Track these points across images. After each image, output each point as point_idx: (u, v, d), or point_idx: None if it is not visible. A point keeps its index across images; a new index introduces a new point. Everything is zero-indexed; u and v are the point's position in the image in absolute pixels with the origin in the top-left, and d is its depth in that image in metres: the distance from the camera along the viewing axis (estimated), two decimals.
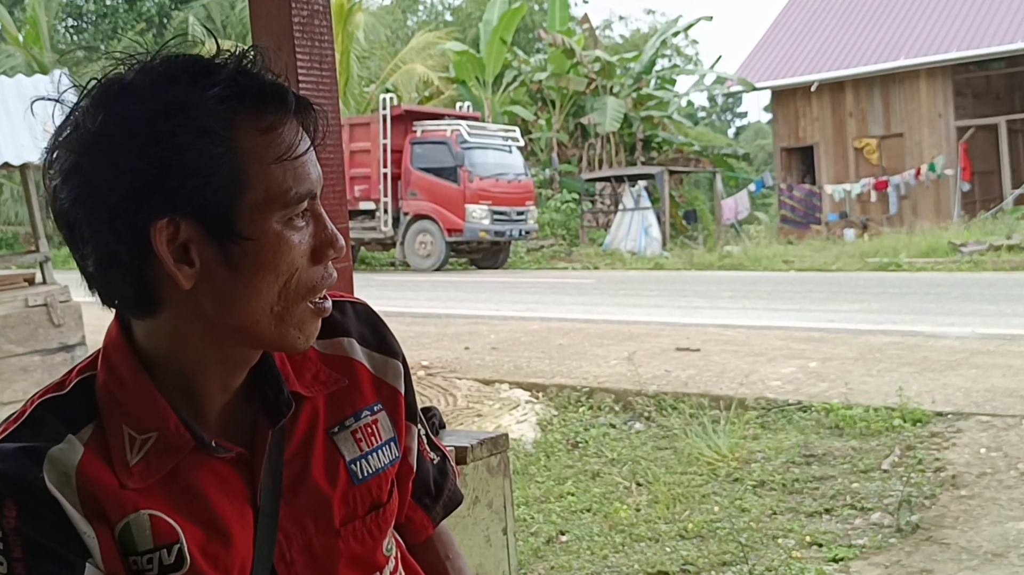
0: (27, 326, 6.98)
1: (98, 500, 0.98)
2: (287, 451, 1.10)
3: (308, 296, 1.02)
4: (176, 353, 1.02)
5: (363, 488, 1.14)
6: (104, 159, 0.94)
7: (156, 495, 1.01)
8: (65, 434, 1.00)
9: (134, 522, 1.00)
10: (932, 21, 23.43)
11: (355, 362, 1.18)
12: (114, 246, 0.96)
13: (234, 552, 1.04)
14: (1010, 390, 5.86)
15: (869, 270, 15.34)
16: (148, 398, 1.02)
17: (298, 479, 1.10)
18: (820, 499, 4.61)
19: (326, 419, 1.14)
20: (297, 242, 1.00)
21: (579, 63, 24.94)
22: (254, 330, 1.01)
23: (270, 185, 0.98)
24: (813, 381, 6.51)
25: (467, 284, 16.05)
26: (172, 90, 0.95)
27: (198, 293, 0.98)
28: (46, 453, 0.98)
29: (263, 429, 1.08)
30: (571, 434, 6.03)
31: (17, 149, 7.32)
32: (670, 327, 9.28)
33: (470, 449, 2.07)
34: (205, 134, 0.94)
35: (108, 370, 1.04)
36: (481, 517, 2.11)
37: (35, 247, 7.84)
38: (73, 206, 0.96)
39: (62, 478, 0.97)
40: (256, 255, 0.98)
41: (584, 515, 4.68)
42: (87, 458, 0.99)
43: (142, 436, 1.01)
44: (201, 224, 0.96)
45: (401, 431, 1.22)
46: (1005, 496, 4.38)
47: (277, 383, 1.10)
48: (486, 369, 7.69)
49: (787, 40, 25.64)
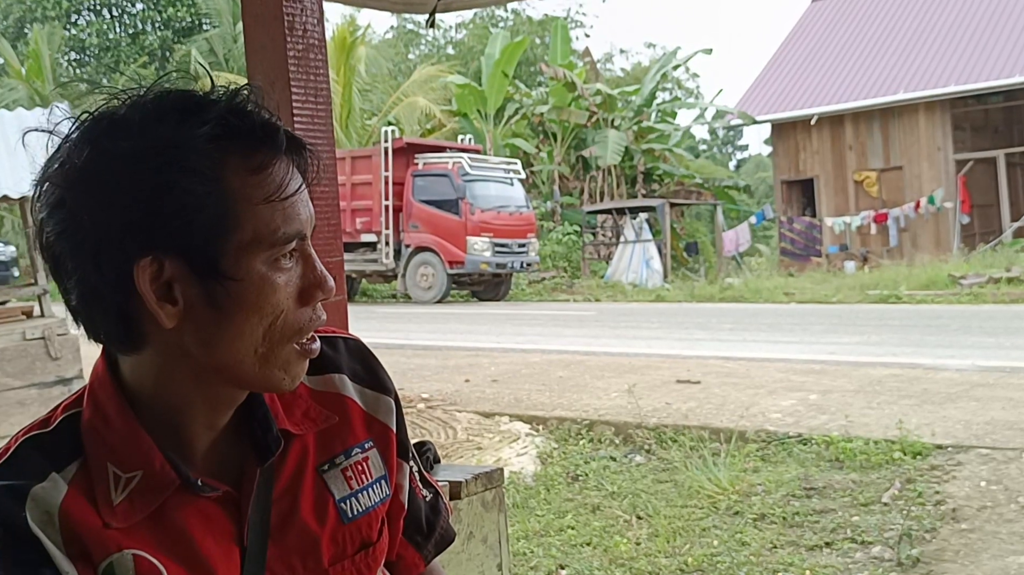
0: (24, 359, 6.97)
1: (81, 539, 0.97)
2: (275, 489, 1.08)
3: (294, 338, 1.01)
4: (161, 391, 1.01)
5: (353, 527, 1.13)
6: (88, 195, 0.94)
7: (140, 534, 1.00)
8: (49, 472, 0.99)
9: (117, 562, 0.98)
10: (931, 55, 23.58)
11: (346, 399, 1.17)
12: (97, 282, 0.95)
13: None
14: (1010, 423, 5.84)
15: (869, 302, 15.33)
16: (133, 436, 1.00)
17: (286, 518, 1.09)
18: (820, 532, 4.58)
19: (316, 456, 1.12)
20: (283, 283, 0.99)
21: (580, 96, 25.07)
22: (237, 370, 0.99)
23: (258, 226, 0.96)
24: (813, 413, 6.49)
25: (468, 316, 16.05)
26: (161, 127, 0.94)
27: (181, 332, 0.97)
28: (29, 491, 0.97)
29: (251, 467, 1.07)
30: (571, 467, 6.00)
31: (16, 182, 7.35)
32: (671, 359, 9.26)
33: (464, 484, 2.05)
34: (192, 173, 0.93)
35: (94, 407, 1.03)
36: (476, 553, 2.09)
37: (33, 280, 7.86)
38: (58, 240, 0.96)
39: (44, 517, 0.96)
40: (240, 296, 0.96)
41: (584, 549, 4.65)
42: (71, 497, 0.98)
43: (127, 475, 1.00)
44: (185, 263, 0.95)
45: (392, 469, 1.20)
46: (1006, 530, 4.35)
47: (266, 421, 1.08)
48: (486, 402, 7.67)
49: (787, 74, 25.79)
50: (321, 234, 1.75)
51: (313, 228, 1.03)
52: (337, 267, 1.80)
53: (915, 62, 23.62)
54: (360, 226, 19.53)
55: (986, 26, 23.42)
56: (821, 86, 24.61)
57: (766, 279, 20.38)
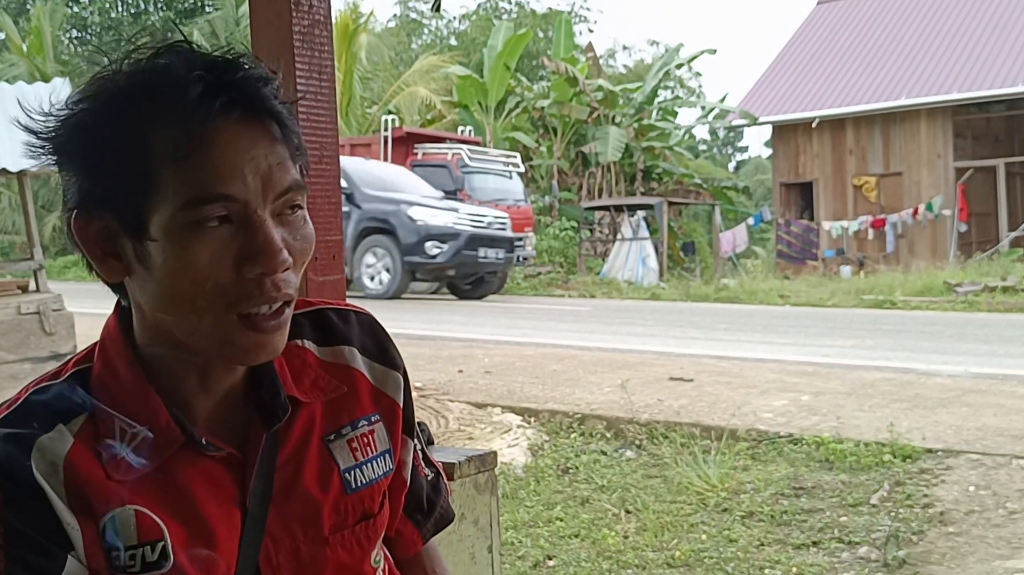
0: (19, 333, 6.97)
1: (84, 492, 0.98)
2: (280, 456, 1.09)
3: (233, 308, 0.97)
4: (156, 347, 1.03)
5: (355, 498, 1.14)
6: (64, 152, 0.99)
7: (144, 491, 1.00)
8: (56, 423, 0.99)
9: (119, 516, 0.99)
10: (934, 62, 23.59)
11: (355, 371, 1.17)
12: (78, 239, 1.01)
13: (218, 554, 1.03)
14: (1001, 429, 5.86)
15: (864, 307, 15.35)
16: (141, 392, 1.01)
17: (289, 484, 1.09)
18: (808, 531, 4.60)
19: (322, 426, 1.13)
20: (206, 248, 0.95)
21: (582, 92, 25.06)
22: (187, 337, 0.99)
23: (178, 185, 0.94)
24: (805, 414, 6.50)
25: (463, 308, 16.05)
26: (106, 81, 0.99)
27: (134, 290, 1.01)
28: (35, 441, 0.97)
29: (257, 431, 1.08)
30: (562, 460, 6.01)
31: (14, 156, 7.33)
32: (664, 357, 9.27)
33: (458, 466, 2.06)
34: (121, 124, 0.95)
35: (104, 362, 1.04)
36: (467, 534, 2.10)
37: (30, 255, 7.84)
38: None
39: (49, 468, 0.96)
40: (164, 257, 0.95)
41: (572, 540, 4.66)
42: (76, 449, 0.98)
43: (132, 430, 1.00)
44: (116, 220, 0.97)
45: (397, 444, 1.21)
46: (993, 534, 4.37)
47: (273, 386, 1.09)
48: (479, 392, 7.67)
49: (790, 76, 25.79)
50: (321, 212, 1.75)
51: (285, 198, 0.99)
52: (337, 246, 1.79)
53: (918, 68, 23.64)
54: None
55: (991, 34, 23.44)
56: (824, 89, 24.62)
57: (762, 281, 20.40)
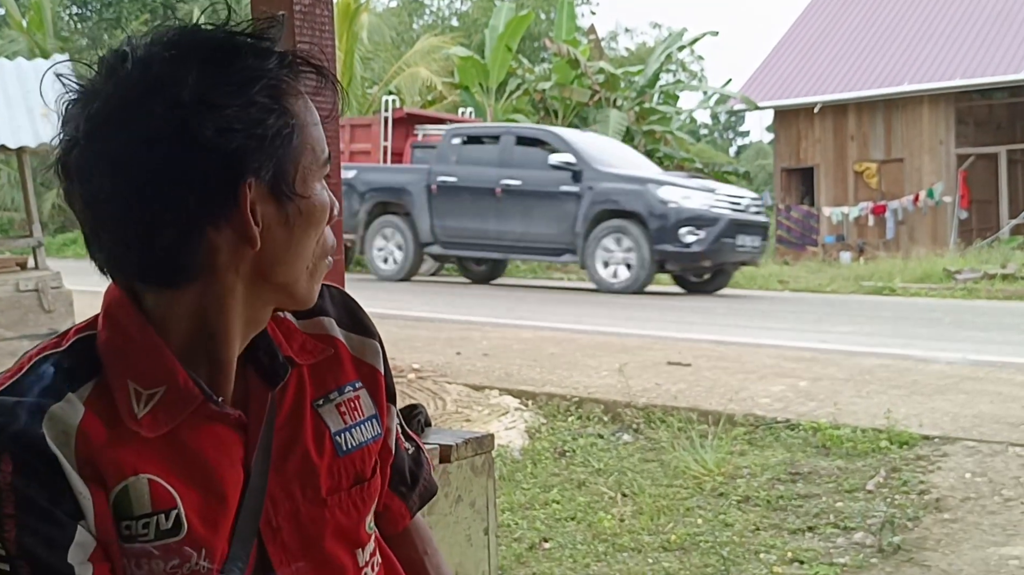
0: (17, 310, 6.96)
1: (95, 462, 0.98)
2: (278, 419, 1.11)
3: (328, 254, 1.11)
4: (197, 318, 1.03)
5: (347, 460, 1.16)
6: (207, 119, 0.96)
7: (156, 458, 1.00)
8: (65, 392, 0.99)
9: (132, 485, 0.99)
10: (937, 48, 23.51)
11: (335, 339, 1.20)
12: (195, 210, 0.98)
13: (227, 516, 1.04)
14: (998, 416, 5.86)
15: (863, 293, 15.36)
16: (156, 353, 1.02)
17: (288, 446, 1.11)
18: (804, 517, 4.61)
19: (312, 392, 1.15)
20: (328, 201, 1.08)
21: (583, 74, 24.96)
22: (294, 287, 1.06)
23: (314, 146, 1.05)
24: (802, 400, 6.51)
25: (462, 289, 16.05)
26: (246, 59, 1.00)
27: (256, 255, 1.02)
28: (47, 410, 0.97)
29: (258, 393, 1.10)
30: (559, 443, 6.02)
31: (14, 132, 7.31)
32: (662, 341, 9.27)
33: (455, 448, 2.06)
34: (283, 96, 1.01)
35: (112, 327, 1.04)
36: (463, 516, 2.10)
37: (29, 232, 7.83)
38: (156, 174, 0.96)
39: (61, 436, 0.96)
40: (307, 214, 1.04)
41: (568, 523, 4.67)
42: (87, 418, 0.98)
43: (148, 391, 1.01)
44: (270, 185, 1.01)
45: (383, 410, 1.23)
46: (988, 521, 4.38)
47: (271, 348, 1.12)
48: (477, 375, 7.67)
49: (792, 61, 25.71)
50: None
51: None
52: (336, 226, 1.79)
53: (921, 54, 23.55)
54: None
55: (994, 21, 23.35)
56: (826, 74, 24.54)
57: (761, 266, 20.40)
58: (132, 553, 1.00)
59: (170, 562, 1.00)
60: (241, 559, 1.05)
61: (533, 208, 14.28)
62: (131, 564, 1.00)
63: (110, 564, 0.98)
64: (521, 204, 14.36)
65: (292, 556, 1.10)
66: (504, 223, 14.58)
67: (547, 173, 14.12)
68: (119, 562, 0.99)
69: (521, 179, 14.33)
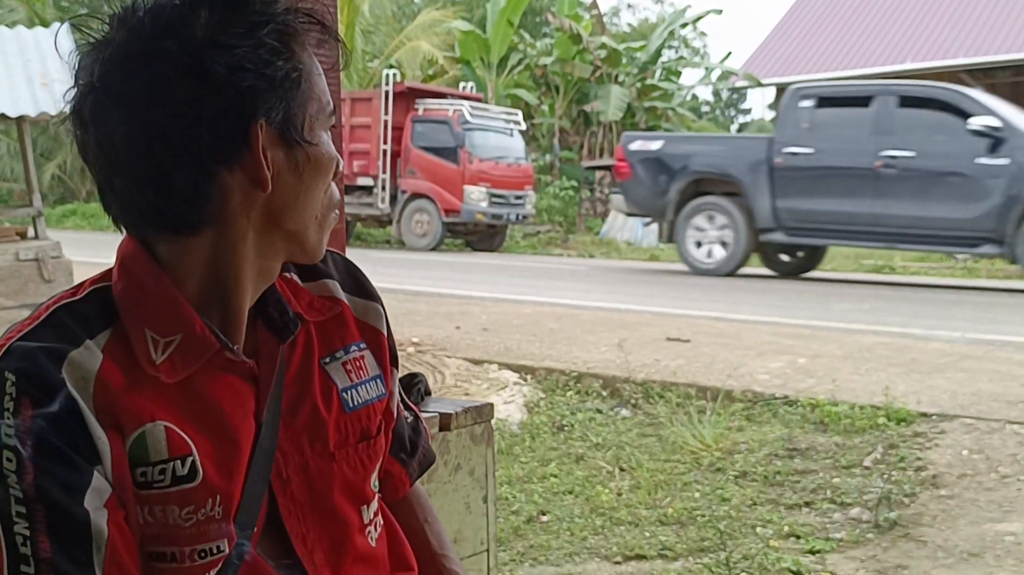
0: (17, 280, 6.96)
1: (113, 409, 0.98)
2: (287, 374, 1.12)
3: (334, 207, 1.12)
4: (211, 267, 1.04)
5: (354, 417, 1.17)
6: (219, 58, 0.98)
7: (171, 406, 1.01)
8: (83, 338, 1.00)
9: (149, 432, 1.00)
10: (940, 26, 23.40)
11: (340, 301, 1.21)
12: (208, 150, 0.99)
13: (240, 464, 1.05)
14: (996, 394, 5.88)
15: (864, 271, 15.36)
16: (172, 302, 1.03)
17: (297, 401, 1.12)
18: (800, 492, 4.63)
19: (319, 350, 1.17)
20: (335, 152, 1.10)
21: (585, 49, 24.86)
22: (304, 236, 1.08)
23: (320, 95, 1.07)
24: (801, 377, 6.53)
25: (461, 265, 16.05)
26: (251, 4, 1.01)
27: (268, 199, 1.03)
28: (67, 355, 0.97)
29: (269, 346, 1.11)
30: (557, 417, 6.04)
31: (14, 100, 7.26)
32: (662, 317, 9.28)
33: (454, 416, 2.07)
34: (292, 39, 1.03)
35: (127, 278, 1.04)
36: (462, 484, 2.11)
37: (29, 202, 7.81)
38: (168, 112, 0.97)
39: (80, 382, 0.97)
40: (316, 161, 1.06)
41: (566, 497, 4.69)
42: (106, 365, 0.99)
43: (165, 339, 1.02)
44: (280, 129, 1.02)
45: (387, 372, 1.25)
46: (984, 498, 4.40)
47: (280, 304, 1.13)
48: (476, 349, 7.69)
49: (795, 38, 25.58)
50: None
51: None
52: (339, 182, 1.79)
53: (924, 32, 23.45)
54: (357, 169, 19.42)
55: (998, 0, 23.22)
56: (828, 52, 24.43)
57: None
58: (147, 500, 1.00)
59: (185, 508, 1.01)
60: (252, 509, 1.06)
61: (933, 186, 11.31)
62: (144, 511, 1.00)
63: (125, 511, 0.99)
64: (913, 181, 11.41)
65: (301, 508, 1.11)
66: (887, 205, 11.62)
67: (952, 142, 11.24)
68: (132, 510, 1.00)
69: (913, 150, 11.42)
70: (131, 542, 0.99)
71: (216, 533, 1.03)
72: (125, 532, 0.98)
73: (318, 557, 1.12)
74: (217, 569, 1.04)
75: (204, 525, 1.02)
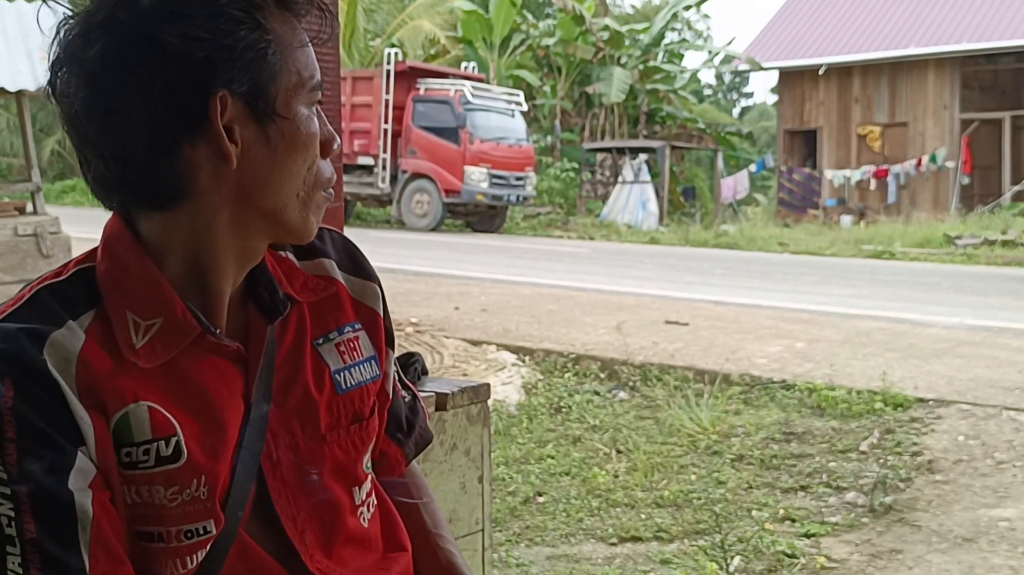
0: (15, 255, 6.94)
1: (96, 389, 0.98)
2: (278, 355, 1.11)
3: (323, 186, 1.08)
4: (192, 245, 1.03)
5: (346, 398, 1.16)
6: (172, 28, 0.95)
7: (156, 386, 1.01)
8: (66, 319, 0.99)
9: (133, 412, 0.99)
10: (944, 11, 23.30)
11: (336, 281, 1.20)
12: (166, 124, 0.97)
13: (227, 445, 1.04)
14: (993, 381, 5.89)
15: (863, 257, 15.36)
16: (154, 285, 1.02)
17: (289, 382, 1.11)
18: (796, 476, 4.64)
19: (312, 331, 1.16)
20: (316, 128, 1.05)
21: (588, 31, 24.75)
22: (283, 214, 1.04)
23: (299, 68, 1.03)
24: (799, 361, 6.54)
25: (461, 246, 16.04)
26: None
27: (237, 175, 1.00)
28: (48, 336, 0.97)
29: (259, 327, 1.10)
30: (555, 399, 6.05)
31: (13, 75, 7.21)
32: (661, 300, 9.29)
33: (451, 396, 2.06)
34: (258, 10, 0.99)
35: (111, 259, 1.03)
36: (458, 464, 2.11)
37: (28, 177, 7.78)
38: (123, 86, 0.96)
39: (62, 363, 0.96)
40: (291, 135, 1.02)
41: (563, 478, 4.70)
42: (88, 345, 0.98)
43: (147, 322, 1.01)
44: (246, 102, 0.99)
45: (382, 353, 1.23)
46: (979, 483, 4.41)
47: (271, 284, 1.11)
48: (475, 330, 7.69)
49: (798, 21, 25.49)
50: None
51: None
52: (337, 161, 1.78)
53: (928, 17, 23.35)
54: (358, 148, 19.35)
55: None
56: (831, 36, 24.34)
57: (761, 228, 20.40)
58: (132, 480, 1.00)
59: (170, 489, 1.01)
60: (242, 490, 1.06)
61: None
62: (131, 491, 1.00)
63: (110, 492, 0.99)
64: None
65: (291, 490, 1.10)
66: None
67: None
68: (119, 489, 0.99)
69: None
70: (117, 522, 0.99)
71: (202, 514, 1.03)
72: (111, 512, 0.98)
73: (309, 538, 1.11)
74: (206, 550, 1.04)
75: (189, 506, 1.02)
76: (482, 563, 2.01)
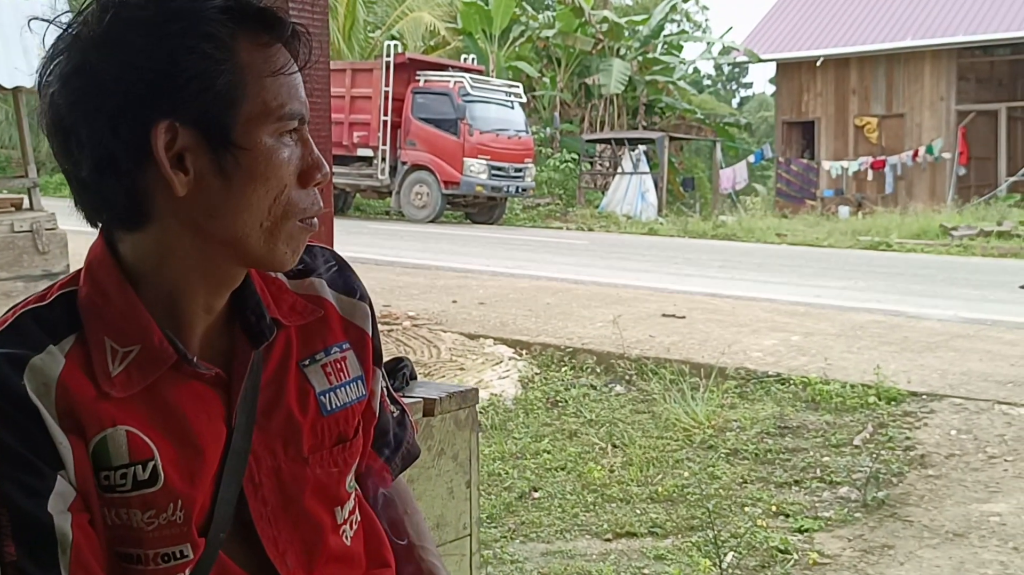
0: (11, 251, 6.94)
1: (75, 413, 0.99)
2: (263, 377, 1.12)
3: (296, 216, 1.04)
4: (163, 269, 1.04)
5: (331, 420, 1.17)
6: (110, 57, 0.96)
7: (134, 411, 1.02)
8: (47, 344, 1.00)
9: (111, 437, 1.01)
10: (940, 4, 23.28)
11: (325, 300, 1.20)
12: (112, 149, 0.97)
13: (205, 470, 1.05)
14: (986, 374, 5.92)
15: (860, 248, 15.37)
16: (132, 311, 1.03)
17: (272, 405, 1.12)
18: (790, 470, 4.67)
19: (298, 352, 1.16)
20: (286, 158, 1.02)
21: (587, 22, 24.71)
22: (244, 244, 1.02)
23: (266, 98, 1.00)
24: (794, 354, 6.56)
25: (460, 238, 16.05)
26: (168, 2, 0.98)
27: (190, 203, 1.00)
28: (28, 361, 0.98)
29: (243, 351, 1.10)
30: (551, 393, 6.07)
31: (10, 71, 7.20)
32: (658, 293, 9.31)
33: (438, 401, 2.08)
34: (209, 38, 0.97)
35: (92, 284, 1.05)
36: (445, 469, 2.13)
37: (24, 172, 7.79)
38: (73, 108, 0.98)
39: (42, 388, 0.98)
40: (249, 166, 1.00)
41: (558, 473, 4.73)
42: (68, 370, 1.00)
43: (124, 349, 1.02)
44: (198, 131, 0.98)
45: (368, 372, 1.24)
46: (971, 478, 4.44)
47: (258, 308, 1.12)
48: (472, 323, 7.71)
49: (796, 13, 25.45)
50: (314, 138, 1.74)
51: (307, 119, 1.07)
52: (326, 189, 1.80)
53: (925, 9, 23.33)
54: (357, 140, 19.35)
55: None
56: (829, 27, 24.32)
57: (760, 219, 20.40)
58: (111, 503, 1.02)
59: (147, 512, 1.02)
60: (224, 513, 1.07)
61: None
62: (110, 514, 1.02)
63: (89, 515, 1.00)
64: None
65: (272, 511, 1.11)
66: None
67: None
68: (98, 512, 1.01)
69: None
70: (96, 545, 1.01)
71: (178, 538, 1.04)
72: (90, 535, 1.00)
73: (290, 559, 1.12)
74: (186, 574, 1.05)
75: (166, 529, 1.03)
76: (470, 567, 2.03)
